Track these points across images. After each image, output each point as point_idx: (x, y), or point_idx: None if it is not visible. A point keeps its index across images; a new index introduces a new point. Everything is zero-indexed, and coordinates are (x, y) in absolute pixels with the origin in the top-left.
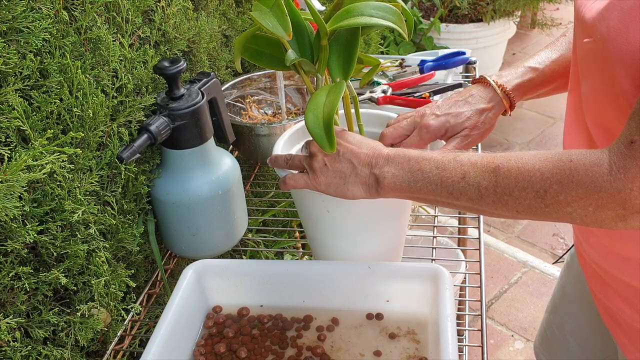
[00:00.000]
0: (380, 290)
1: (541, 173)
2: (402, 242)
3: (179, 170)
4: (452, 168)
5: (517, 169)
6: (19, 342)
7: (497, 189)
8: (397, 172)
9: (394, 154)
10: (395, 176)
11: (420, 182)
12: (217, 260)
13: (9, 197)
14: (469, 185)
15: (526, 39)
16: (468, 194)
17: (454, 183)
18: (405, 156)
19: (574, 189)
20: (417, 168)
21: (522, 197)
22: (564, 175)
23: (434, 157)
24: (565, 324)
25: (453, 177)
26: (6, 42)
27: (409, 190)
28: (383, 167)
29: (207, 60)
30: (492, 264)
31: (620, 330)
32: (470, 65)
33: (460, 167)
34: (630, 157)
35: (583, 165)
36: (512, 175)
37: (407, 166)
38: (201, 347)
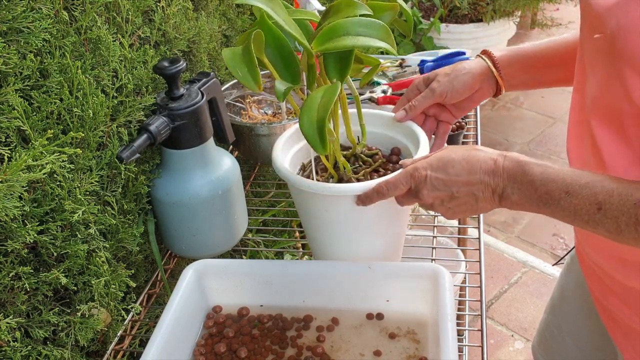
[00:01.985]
0: (380, 290)
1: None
2: (402, 242)
3: (179, 170)
4: (585, 196)
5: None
6: (19, 342)
7: (639, 227)
8: (522, 194)
9: (512, 170)
10: (521, 198)
11: (551, 207)
12: (217, 260)
13: (9, 197)
14: (606, 218)
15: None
16: (605, 226)
17: (588, 213)
18: (528, 175)
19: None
20: (544, 191)
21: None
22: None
23: (561, 178)
24: (564, 324)
25: (587, 207)
26: (6, 42)
27: (538, 211)
28: (506, 188)
29: (207, 60)
30: (492, 264)
31: (619, 331)
32: None
33: (594, 197)
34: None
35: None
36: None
37: (532, 188)
38: (201, 347)
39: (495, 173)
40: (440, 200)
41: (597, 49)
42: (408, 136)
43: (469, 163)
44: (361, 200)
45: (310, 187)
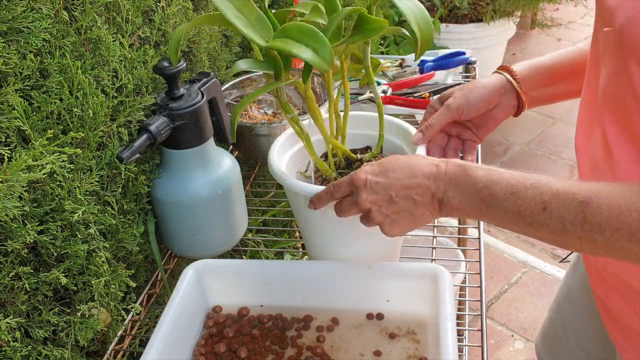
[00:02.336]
0: (380, 290)
1: (638, 214)
2: (399, 244)
3: (179, 170)
4: (530, 196)
5: (608, 206)
6: (19, 342)
7: (585, 225)
8: (463, 197)
9: (455, 174)
10: (462, 202)
11: (493, 209)
12: (217, 260)
13: (9, 197)
14: (551, 218)
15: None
16: (550, 227)
17: (533, 214)
18: (470, 178)
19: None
20: (487, 193)
21: (614, 237)
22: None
23: (505, 179)
24: (568, 324)
25: (532, 208)
26: (6, 42)
27: (480, 215)
28: (446, 192)
29: (207, 60)
30: (492, 264)
31: (618, 330)
32: (470, 65)
33: (540, 196)
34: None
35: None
36: (603, 213)
37: (474, 190)
38: (201, 347)
39: (437, 177)
40: (379, 206)
41: (608, 42)
42: (401, 136)
43: (410, 167)
44: (312, 202)
45: (303, 189)
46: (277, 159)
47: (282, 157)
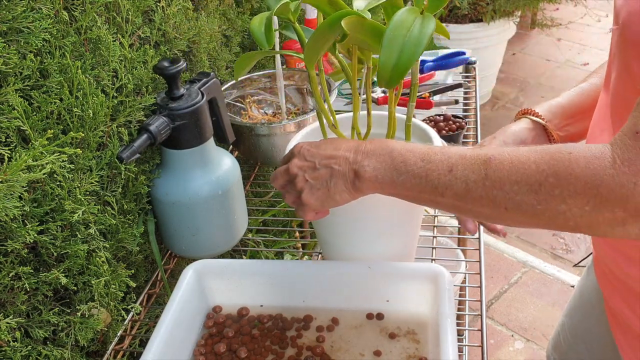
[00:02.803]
0: (380, 290)
1: (537, 165)
2: (415, 244)
3: (178, 170)
4: (438, 160)
5: (510, 160)
6: (19, 342)
7: (487, 182)
8: (378, 164)
9: (375, 146)
10: (376, 169)
11: (403, 175)
12: (217, 260)
13: (9, 197)
14: (456, 178)
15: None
16: (454, 189)
17: (439, 176)
18: (388, 148)
19: (572, 183)
20: (401, 160)
21: (513, 191)
22: (562, 167)
23: (420, 149)
24: (578, 329)
25: (439, 170)
26: (6, 42)
27: (391, 184)
28: (363, 161)
29: (207, 60)
30: (492, 264)
31: (620, 332)
32: (470, 65)
33: (447, 160)
34: (635, 149)
35: (584, 158)
36: (505, 167)
37: (389, 158)
38: (201, 347)
39: (358, 150)
40: (303, 171)
41: (615, 42)
42: (421, 139)
43: (338, 142)
44: (272, 177)
45: None
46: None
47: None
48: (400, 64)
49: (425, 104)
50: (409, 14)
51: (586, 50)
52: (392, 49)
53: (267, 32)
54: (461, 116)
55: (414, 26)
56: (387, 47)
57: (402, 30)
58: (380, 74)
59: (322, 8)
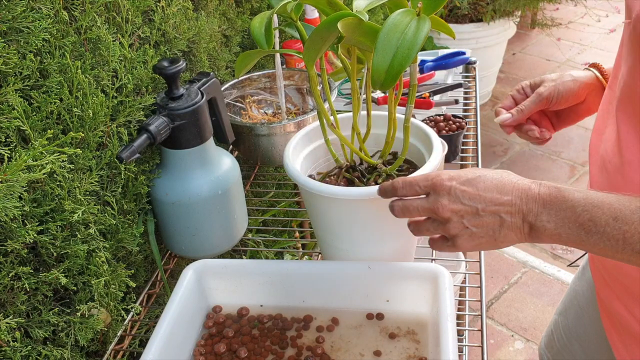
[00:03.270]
0: (380, 290)
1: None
2: (414, 245)
3: (178, 170)
4: (637, 222)
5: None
6: (19, 342)
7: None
8: (560, 221)
9: (550, 196)
10: (558, 227)
11: (594, 236)
12: (217, 260)
13: (9, 197)
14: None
15: (526, 39)
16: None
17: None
18: (568, 201)
19: None
20: (587, 218)
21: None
22: None
23: (607, 203)
24: (572, 328)
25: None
26: (6, 42)
27: (577, 243)
28: (540, 215)
29: (207, 60)
30: (492, 264)
31: (616, 333)
32: (470, 65)
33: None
34: None
35: None
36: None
37: (573, 215)
38: (201, 347)
39: (530, 197)
40: (461, 216)
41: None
42: (421, 139)
43: (503, 183)
44: (381, 191)
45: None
46: (292, 159)
47: (296, 157)
48: (393, 67)
49: (425, 104)
50: (404, 16)
51: (586, 50)
52: (385, 51)
53: (267, 32)
54: (461, 116)
55: (408, 28)
56: (380, 50)
57: (396, 33)
58: (374, 76)
59: (322, 8)
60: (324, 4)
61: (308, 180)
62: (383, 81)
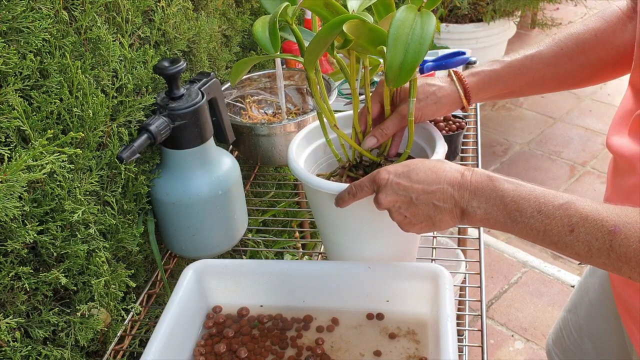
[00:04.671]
0: (380, 290)
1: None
2: (416, 244)
3: (179, 170)
4: (558, 217)
5: (636, 238)
6: (19, 342)
7: (612, 254)
8: (489, 208)
9: (481, 184)
10: (487, 213)
11: (519, 225)
12: (217, 260)
13: (9, 197)
14: (578, 241)
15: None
16: (575, 249)
17: (560, 235)
18: (498, 190)
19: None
20: (514, 208)
21: (639, 268)
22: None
23: (534, 196)
24: (584, 325)
25: (559, 228)
26: (6, 42)
27: (503, 228)
28: (471, 201)
29: (207, 60)
30: (492, 264)
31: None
32: (470, 65)
33: (567, 218)
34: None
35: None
36: (631, 245)
37: (501, 203)
38: (201, 347)
39: (461, 185)
40: (398, 207)
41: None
42: (423, 136)
43: (435, 172)
44: (336, 201)
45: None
46: (296, 157)
47: (299, 156)
48: (407, 63)
49: None
50: (408, 12)
51: None
52: (397, 48)
53: (272, 36)
54: (461, 116)
55: (415, 24)
56: (392, 47)
57: (405, 29)
58: (388, 73)
59: (318, 11)
60: (321, 7)
61: (313, 178)
62: (397, 77)
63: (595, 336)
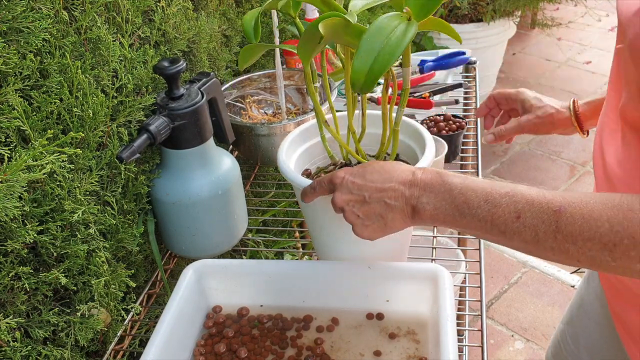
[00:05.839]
0: (380, 290)
1: (610, 224)
2: (406, 246)
3: (178, 170)
4: (504, 204)
5: (581, 216)
6: (19, 342)
7: (558, 235)
8: (438, 203)
9: (431, 180)
10: (436, 208)
11: (467, 217)
12: (217, 260)
13: (9, 197)
14: (525, 227)
15: (526, 39)
16: (523, 236)
17: (507, 222)
18: (446, 184)
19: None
20: (462, 200)
21: (586, 247)
22: (637, 229)
23: (481, 187)
24: (580, 337)
25: (506, 216)
26: (6, 42)
27: (452, 223)
28: (420, 197)
29: (207, 60)
30: (492, 264)
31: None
32: (470, 65)
33: (514, 205)
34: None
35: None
36: (576, 222)
37: (449, 197)
38: (201, 347)
39: (412, 183)
40: (352, 205)
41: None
42: (414, 138)
43: (387, 172)
44: (301, 195)
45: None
46: (285, 158)
47: (290, 157)
48: (373, 71)
49: (425, 104)
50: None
51: (586, 50)
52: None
53: (255, 27)
54: (461, 116)
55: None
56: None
57: (380, 37)
58: (353, 79)
59: (317, 6)
60: (318, 2)
61: (299, 178)
62: (362, 85)
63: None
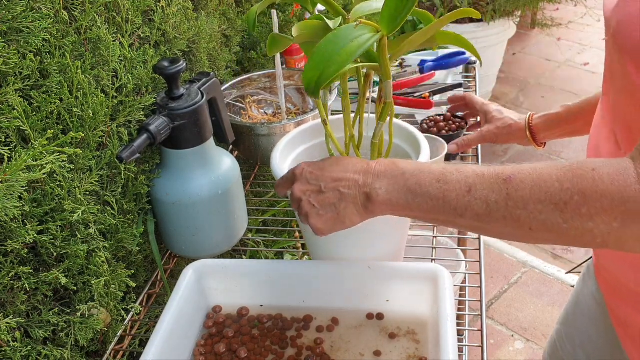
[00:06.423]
0: (380, 290)
1: (560, 183)
2: (402, 247)
3: (178, 170)
4: (455, 181)
5: (531, 179)
6: (19, 342)
7: (509, 202)
8: (390, 187)
9: (385, 168)
10: (389, 192)
11: (419, 197)
12: (217, 260)
13: (9, 197)
14: (476, 199)
15: (526, 39)
16: (474, 209)
17: (458, 197)
18: (399, 169)
19: (599, 200)
20: (415, 182)
21: (537, 210)
22: (587, 185)
23: (434, 169)
24: (576, 336)
25: (457, 191)
26: (6, 42)
27: (405, 207)
28: (374, 183)
29: (207, 60)
30: (492, 264)
31: (632, 343)
32: (470, 65)
33: (464, 180)
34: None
35: (607, 174)
36: (527, 186)
37: (402, 180)
38: (201, 347)
39: (366, 172)
40: (308, 195)
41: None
42: (409, 142)
43: (344, 164)
44: (274, 188)
45: None
46: (280, 161)
47: (285, 159)
48: (323, 77)
49: (425, 104)
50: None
51: (586, 50)
52: (319, 61)
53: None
54: (461, 116)
55: (352, 43)
56: (315, 59)
57: (335, 46)
58: (304, 82)
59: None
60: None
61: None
62: (314, 89)
63: (588, 347)
